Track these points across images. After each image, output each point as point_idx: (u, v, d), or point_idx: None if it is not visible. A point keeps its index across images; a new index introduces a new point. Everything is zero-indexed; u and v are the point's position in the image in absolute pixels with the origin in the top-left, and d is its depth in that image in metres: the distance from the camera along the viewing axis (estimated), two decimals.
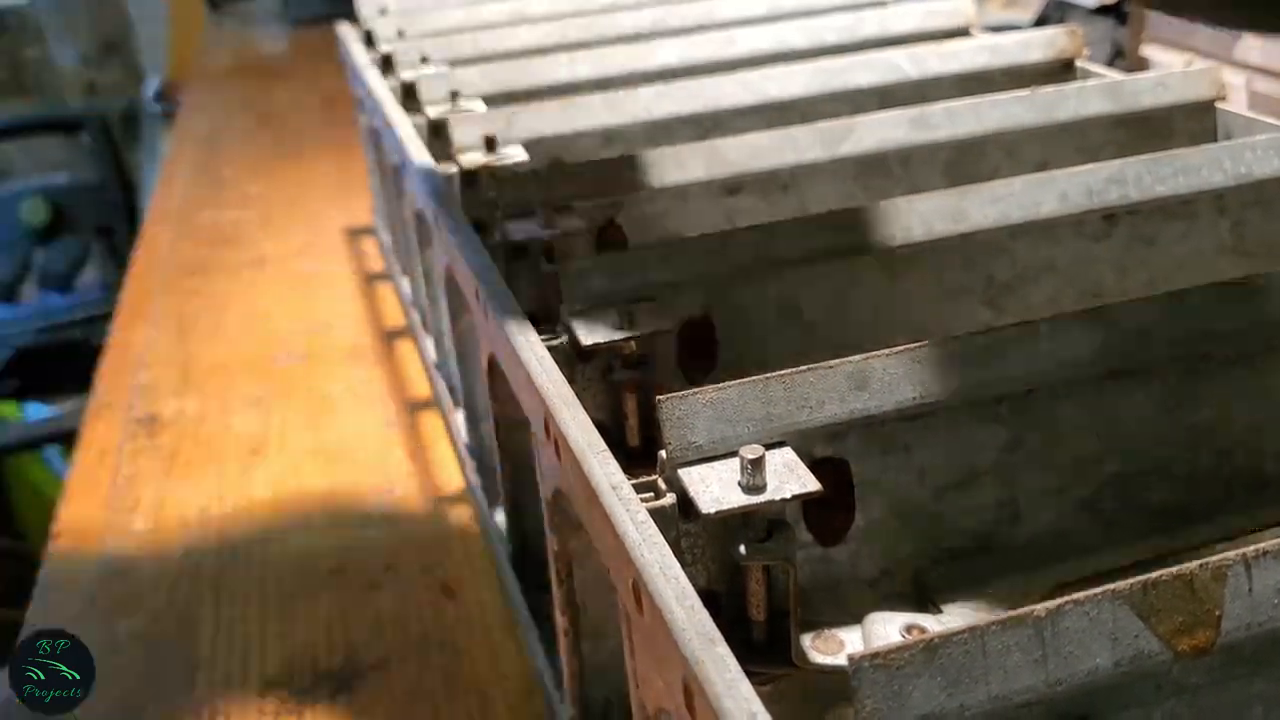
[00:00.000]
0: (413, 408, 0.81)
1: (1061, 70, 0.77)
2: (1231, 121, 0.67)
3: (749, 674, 0.29)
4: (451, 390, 0.74)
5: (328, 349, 0.88)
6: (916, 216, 0.54)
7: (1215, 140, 0.67)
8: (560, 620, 0.49)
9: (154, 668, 0.59)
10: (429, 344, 0.82)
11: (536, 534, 0.57)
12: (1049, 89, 0.67)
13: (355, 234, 1.09)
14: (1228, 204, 0.57)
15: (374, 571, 0.64)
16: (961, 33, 0.85)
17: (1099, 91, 0.67)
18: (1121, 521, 0.43)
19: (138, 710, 0.56)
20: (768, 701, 0.28)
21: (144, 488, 0.74)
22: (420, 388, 0.83)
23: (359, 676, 0.57)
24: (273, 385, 0.84)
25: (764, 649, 0.38)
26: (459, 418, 0.72)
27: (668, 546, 0.34)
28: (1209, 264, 0.57)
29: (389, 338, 0.91)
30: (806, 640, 0.38)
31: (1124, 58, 0.97)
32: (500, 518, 0.62)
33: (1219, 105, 0.68)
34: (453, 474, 0.73)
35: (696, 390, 0.39)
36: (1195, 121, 0.68)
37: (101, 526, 0.70)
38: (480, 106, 0.75)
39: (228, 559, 0.66)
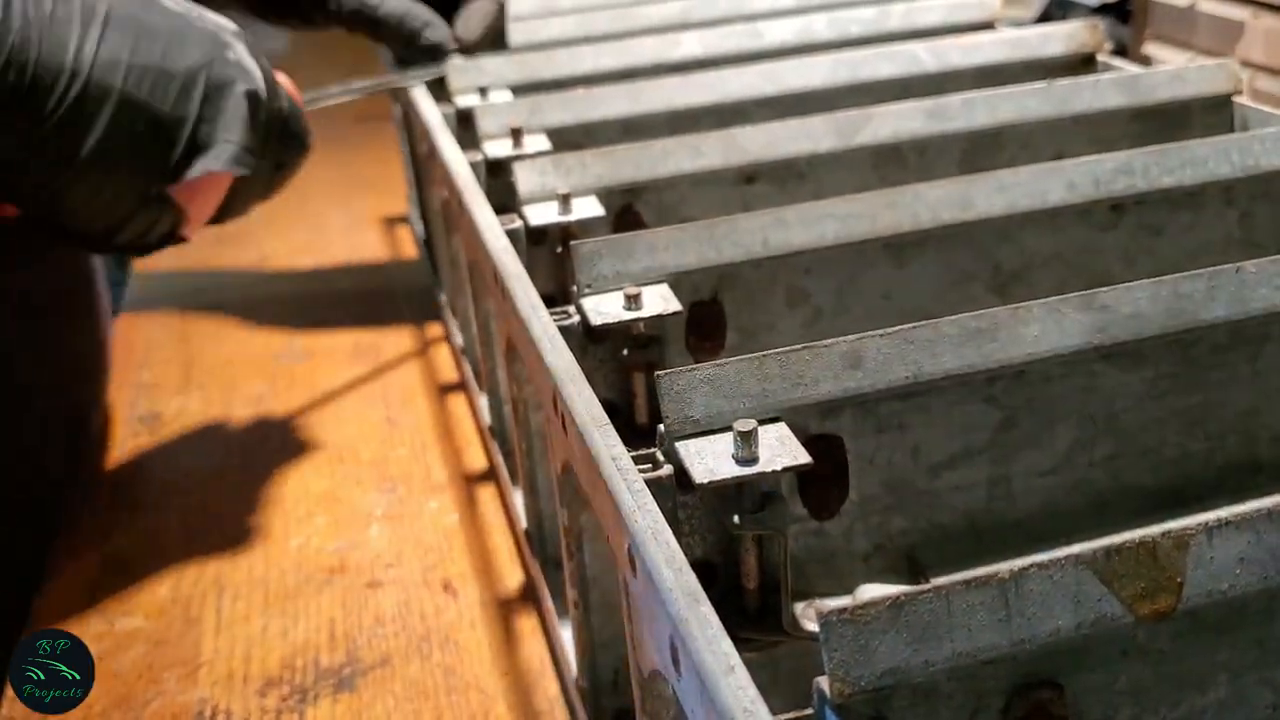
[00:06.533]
0: (412, 406, 0.82)
1: (1082, 64, 0.77)
2: (1249, 115, 0.67)
3: (741, 640, 0.30)
4: (476, 374, 0.76)
5: (330, 347, 0.89)
6: (924, 204, 0.55)
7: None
8: (571, 594, 0.50)
9: (154, 667, 0.59)
10: (456, 329, 0.83)
11: (552, 514, 0.58)
12: (1065, 81, 0.68)
13: (356, 233, 1.11)
14: (1236, 196, 0.58)
15: (375, 569, 0.65)
16: (986, 26, 0.86)
17: (1115, 85, 0.68)
18: (1113, 503, 0.44)
19: (139, 709, 0.57)
20: (755, 668, 0.29)
21: (146, 485, 0.74)
22: (415, 383, 0.85)
23: (360, 675, 0.58)
24: (274, 383, 0.85)
25: (756, 617, 0.40)
26: (483, 400, 0.73)
27: (660, 514, 0.35)
28: (1216, 255, 0.58)
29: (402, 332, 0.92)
30: (798, 609, 0.40)
31: (1126, 56, 0.97)
32: (519, 498, 0.63)
33: (1236, 99, 0.68)
34: (455, 470, 0.74)
35: (695, 366, 0.40)
36: (1212, 115, 0.68)
37: (103, 524, 0.71)
38: (507, 96, 0.77)
39: (228, 557, 0.67)
